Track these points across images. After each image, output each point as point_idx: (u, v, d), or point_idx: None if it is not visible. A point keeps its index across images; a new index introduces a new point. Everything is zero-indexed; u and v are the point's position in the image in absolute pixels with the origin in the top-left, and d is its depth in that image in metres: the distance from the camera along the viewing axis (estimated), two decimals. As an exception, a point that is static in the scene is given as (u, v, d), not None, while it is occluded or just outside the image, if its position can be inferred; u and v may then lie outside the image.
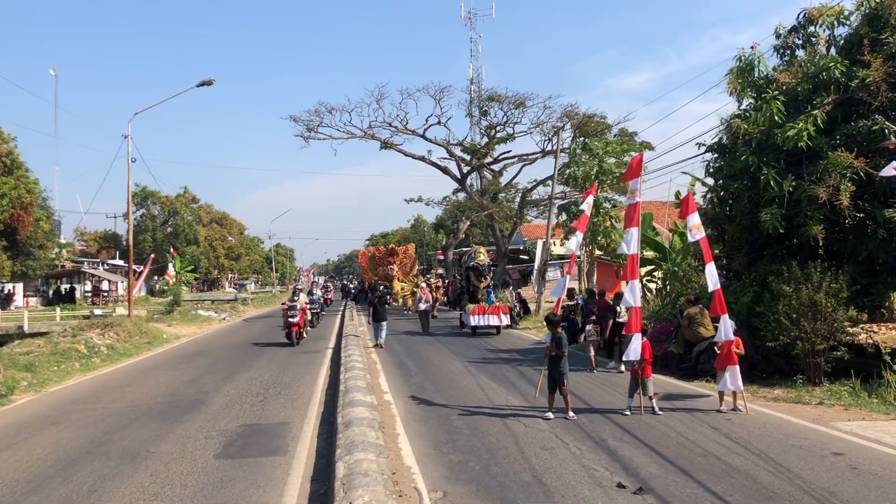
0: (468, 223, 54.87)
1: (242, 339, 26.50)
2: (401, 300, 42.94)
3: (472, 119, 50.52)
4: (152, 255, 56.33)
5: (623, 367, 16.63)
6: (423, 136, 47.15)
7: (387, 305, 26.24)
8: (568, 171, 27.78)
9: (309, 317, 26.60)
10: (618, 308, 18.92)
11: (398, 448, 9.18)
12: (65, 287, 56.73)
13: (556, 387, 11.10)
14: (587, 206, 15.39)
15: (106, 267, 67.95)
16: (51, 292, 55.77)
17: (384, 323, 22.49)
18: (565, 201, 31.87)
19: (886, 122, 13.29)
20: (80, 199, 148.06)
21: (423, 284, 29.50)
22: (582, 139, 35.87)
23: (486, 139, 48.16)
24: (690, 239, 12.56)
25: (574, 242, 14.80)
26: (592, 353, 17.29)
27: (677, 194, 24.46)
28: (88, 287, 60.01)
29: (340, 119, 49.19)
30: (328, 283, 43.73)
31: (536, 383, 13.53)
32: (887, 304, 16.12)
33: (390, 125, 46.56)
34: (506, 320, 25.96)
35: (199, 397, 13.46)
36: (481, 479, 7.76)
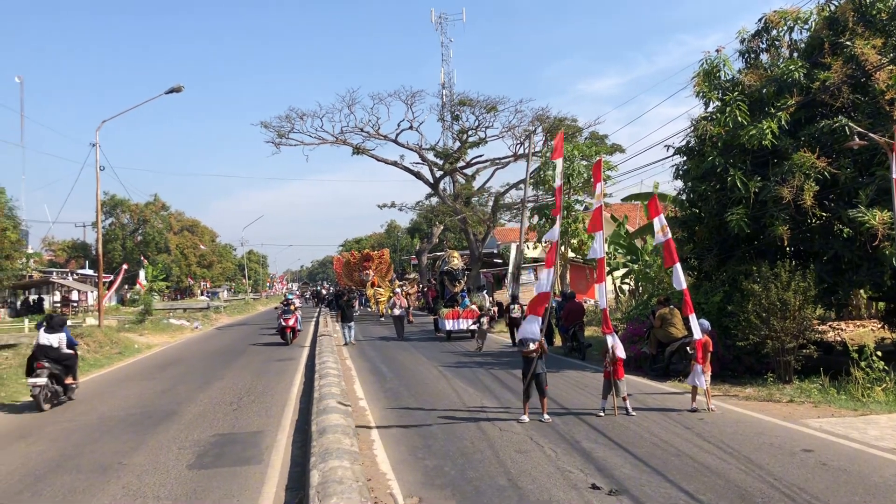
0: (442, 227, 54.81)
1: (216, 347, 26.28)
2: (374, 304, 42.96)
3: (445, 123, 50.27)
4: (124, 266, 55.47)
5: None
6: (395, 141, 47.03)
7: (353, 308, 26.73)
8: (540, 174, 27.91)
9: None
10: (512, 305, 21.70)
11: (373, 455, 9.17)
12: (33, 298, 55.80)
13: (532, 389, 11.04)
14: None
15: (75, 277, 67.00)
16: (19, 303, 54.83)
17: (352, 323, 24.51)
18: (538, 204, 31.77)
19: (849, 123, 13.54)
20: (47, 208, 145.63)
21: (398, 290, 29.48)
22: (553, 143, 36.12)
23: (458, 143, 48.17)
24: (656, 241, 12.70)
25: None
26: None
27: (656, 185, 24.71)
28: (57, 297, 59.10)
29: (312, 125, 48.57)
30: (290, 296, 32.74)
31: (511, 386, 13.56)
32: (854, 302, 16.41)
33: (362, 130, 46.36)
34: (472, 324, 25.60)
35: (171, 408, 13.24)
36: (457, 484, 7.78)
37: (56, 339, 13.90)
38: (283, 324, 25.75)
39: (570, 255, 29.07)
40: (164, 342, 29.08)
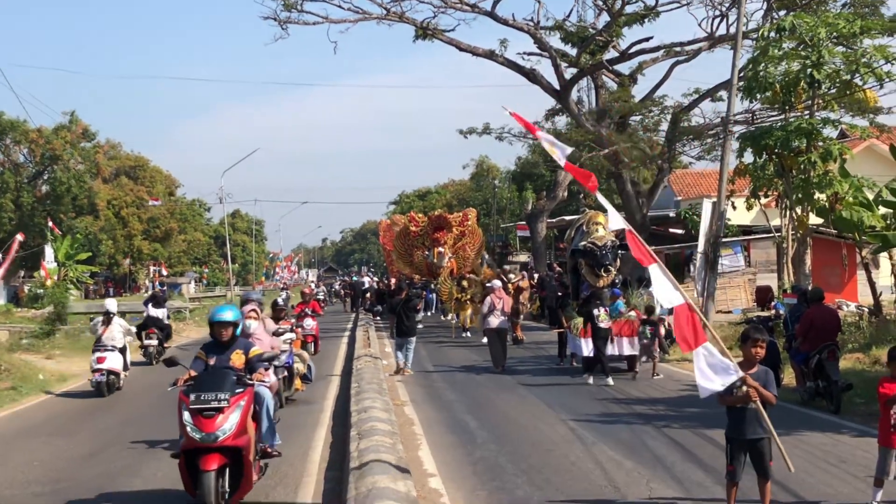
0: None
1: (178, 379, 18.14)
2: (449, 307, 27.63)
3: (581, -20, 30.37)
4: (18, 237, 37.37)
5: (610, 380, 14.42)
6: (491, 15, 28.87)
7: (416, 314, 18.40)
8: (757, 69, 17.81)
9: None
10: (596, 311, 15.02)
11: None
12: None
13: (745, 466, 6.85)
14: None
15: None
16: None
17: (413, 339, 16.47)
18: (752, 128, 20.83)
19: None
20: None
21: (497, 282, 18.79)
22: (783, 14, 22.81)
23: (605, 16, 29.56)
24: None
25: None
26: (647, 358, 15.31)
27: None
28: None
29: (343, -13, 33.05)
30: (252, 294, 13.55)
31: (702, 458, 9.09)
32: None
33: None
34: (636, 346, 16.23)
35: (103, 483, 8.95)
36: None
37: (161, 313, 20.05)
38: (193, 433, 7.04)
39: (813, 219, 18.81)
40: (89, 370, 16.81)
